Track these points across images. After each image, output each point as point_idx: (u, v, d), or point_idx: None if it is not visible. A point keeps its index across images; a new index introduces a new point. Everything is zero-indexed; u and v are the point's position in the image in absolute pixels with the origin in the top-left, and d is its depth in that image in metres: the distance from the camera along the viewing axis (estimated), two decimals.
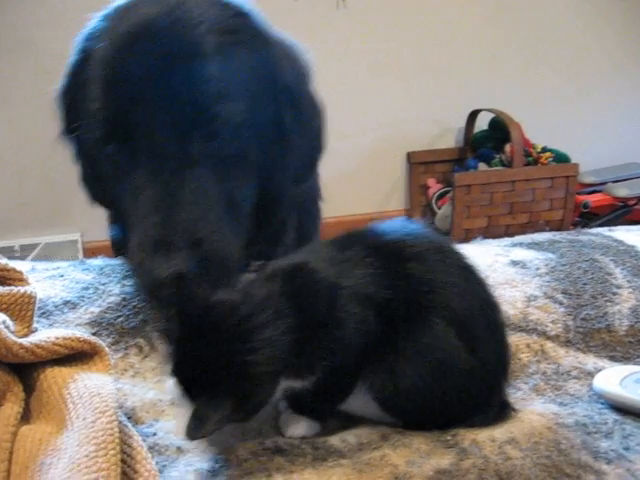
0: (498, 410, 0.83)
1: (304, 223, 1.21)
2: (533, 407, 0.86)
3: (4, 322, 0.72)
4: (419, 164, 3.26)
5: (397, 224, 0.85)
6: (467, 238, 2.60)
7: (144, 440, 0.74)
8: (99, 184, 1.06)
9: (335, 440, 0.78)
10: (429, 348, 0.77)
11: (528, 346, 1.01)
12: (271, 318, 0.71)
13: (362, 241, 0.82)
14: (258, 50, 0.96)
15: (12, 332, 0.73)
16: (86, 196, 1.12)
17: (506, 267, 1.19)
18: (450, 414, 0.80)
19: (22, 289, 0.86)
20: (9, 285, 0.87)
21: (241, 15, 0.96)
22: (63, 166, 1.13)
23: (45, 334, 0.79)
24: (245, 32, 0.95)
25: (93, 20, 0.97)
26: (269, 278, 0.77)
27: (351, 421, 0.84)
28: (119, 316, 0.99)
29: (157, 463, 0.71)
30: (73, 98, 0.98)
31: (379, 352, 0.77)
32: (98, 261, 1.17)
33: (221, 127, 0.90)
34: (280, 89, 0.98)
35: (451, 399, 0.79)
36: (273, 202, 1.04)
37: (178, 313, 0.72)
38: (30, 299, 0.86)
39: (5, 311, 0.80)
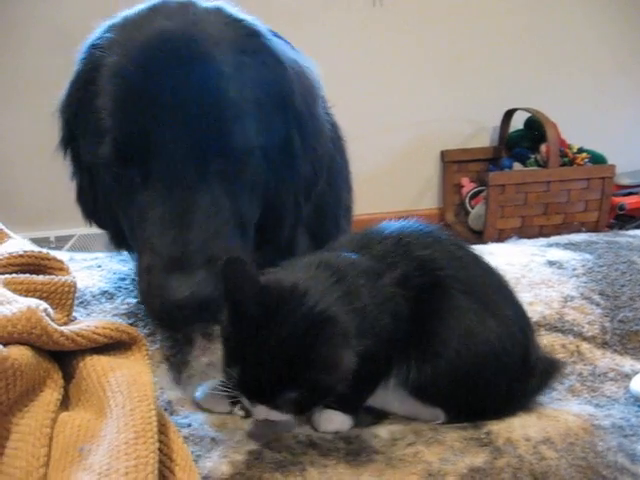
0: (545, 370, 0.85)
1: (325, 230, 1.19)
2: (569, 407, 0.86)
3: (45, 310, 0.73)
4: (453, 163, 3.25)
5: (388, 223, 0.90)
6: (500, 238, 2.59)
7: (179, 431, 0.75)
8: (98, 203, 1.03)
9: (368, 435, 0.79)
10: (456, 322, 0.79)
11: (564, 346, 1.00)
12: (334, 297, 0.73)
13: (366, 236, 0.87)
14: (272, 71, 0.95)
15: (52, 320, 0.74)
16: (82, 214, 1.09)
17: (542, 267, 1.19)
18: (492, 387, 0.81)
19: (62, 278, 0.87)
20: (50, 274, 0.88)
21: (255, 35, 0.95)
22: None
23: (85, 323, 0.80)
24: (260, 52, 0.94)
25: (98, 29, 0.94)
26: (309, 267, 0.78)
27: (383, 417, 0.84)
28: None
29: (192, 453, 0.72)
30: (78, 107, 0.95)
31: (409, 338, 0.78)
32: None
33: (237, 148, 0.90)
34: (291, 112, 0.97)
35: (489, 369, 0.80)
36: (275, 223, 1.03)
37: (233, 299, 0.73)
38: (70, 288, 0.87)
39: (46, 299, 0.81)
